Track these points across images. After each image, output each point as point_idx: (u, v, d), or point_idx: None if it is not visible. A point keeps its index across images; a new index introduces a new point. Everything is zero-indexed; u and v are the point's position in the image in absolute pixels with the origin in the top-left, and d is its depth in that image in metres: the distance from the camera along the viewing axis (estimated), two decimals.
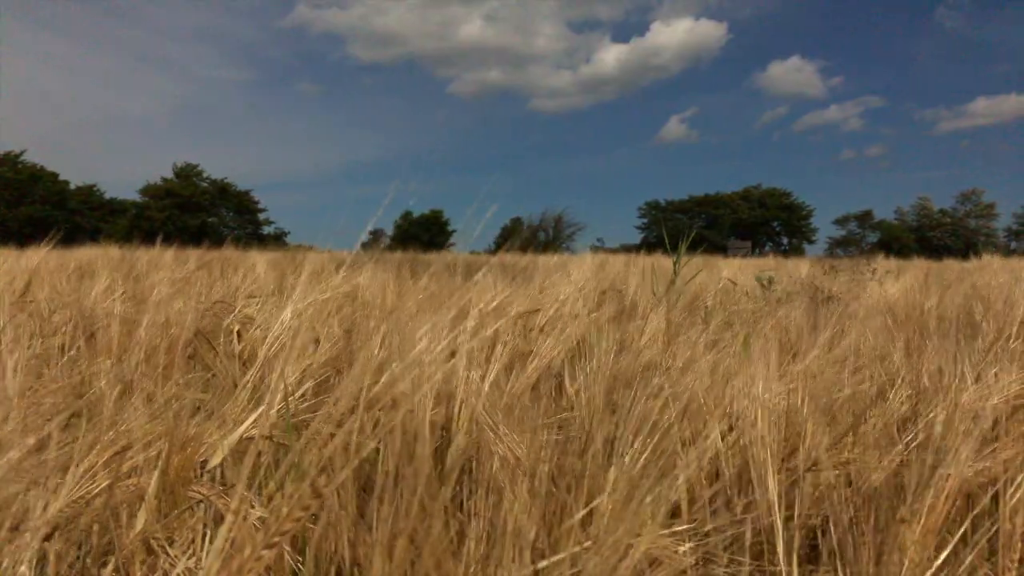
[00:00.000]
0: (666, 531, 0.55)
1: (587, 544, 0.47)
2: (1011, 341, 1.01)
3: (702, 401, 0.74)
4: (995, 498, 0.51)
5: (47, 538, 0.52)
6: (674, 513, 0.71)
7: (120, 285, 1.48)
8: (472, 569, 0.51)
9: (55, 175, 32.97)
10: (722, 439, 0.71)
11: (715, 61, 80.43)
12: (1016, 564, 0.44)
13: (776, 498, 0.63)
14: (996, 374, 0.72)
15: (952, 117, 69.35)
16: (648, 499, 0.43)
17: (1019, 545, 0.44)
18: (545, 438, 0.65)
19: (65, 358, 1.05)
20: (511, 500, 0.57)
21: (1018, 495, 0.45)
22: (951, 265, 5.46)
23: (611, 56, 77.75)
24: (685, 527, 0.55)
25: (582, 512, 0.56)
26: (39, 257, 1.90)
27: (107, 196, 34.66)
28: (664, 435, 0.63)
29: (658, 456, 0.61)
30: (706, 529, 0.62)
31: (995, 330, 1.08)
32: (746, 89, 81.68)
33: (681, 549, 0.55)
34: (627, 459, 0.61)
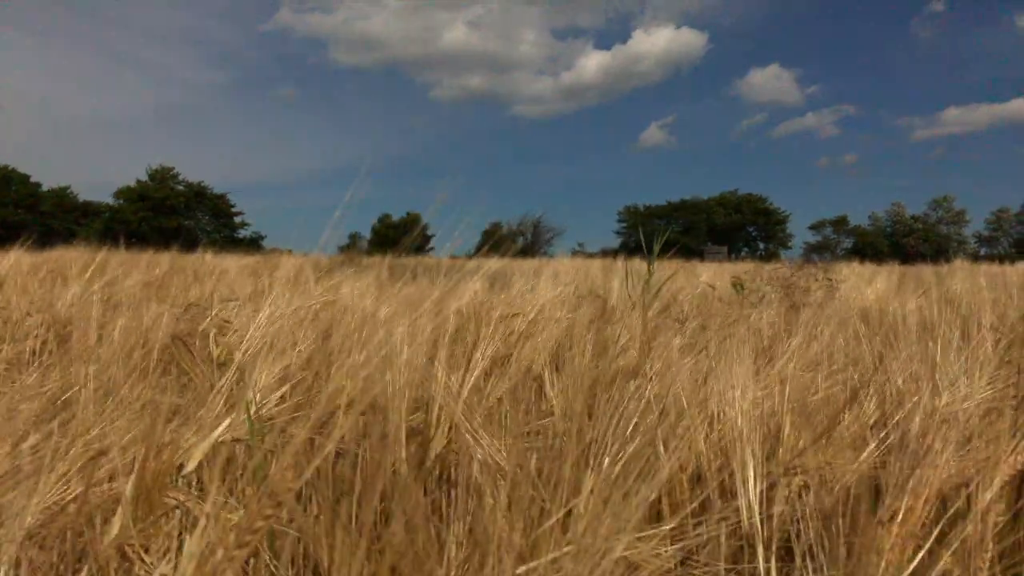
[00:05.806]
0: (645, 533, 0.55)
1: (566, 548, 0.47)
2: (982, 346, 1.03)
3: (685, 404, 0.75)
4: (967, 498, 0.52)
5: (19, 544, 0.51)
6: (656, 516, 0.71)
7: (95, 289, 1.46)
8: (453, 574, 0.51)
9: (26, 177, 32.46)
10: (703, 441, 0.72)
11: (695, 69, 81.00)
12: (987, 563, 0.45)
13: (755, 501, 0.63)
14: (968, 378, 0.73)
15: (925, 126, 70.40)
16: (626, 503, 0.44)
17: (990, 545, 0.44)
18: (525, 443, 0.65)
19: (38, 363, 1.04)
20: (491, 504, 0.57)
21: (989, 497, 0.46)
22: (923, 269, 5.57)
23: (593, 63, 78.03)
24: (667, 527, 0.55)
25: (560, 513, 0.56)
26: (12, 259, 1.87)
27: (81, 199, 34.19)
28: (644, 439, 0.63)
29: (638, 459, 0.61)
30: (685, 533, 0.62)
31: (965, 335, 1.10)
32: (725, 96, 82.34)
33: (662, 552, 0.55)
34: (606, 462, 0.62)
